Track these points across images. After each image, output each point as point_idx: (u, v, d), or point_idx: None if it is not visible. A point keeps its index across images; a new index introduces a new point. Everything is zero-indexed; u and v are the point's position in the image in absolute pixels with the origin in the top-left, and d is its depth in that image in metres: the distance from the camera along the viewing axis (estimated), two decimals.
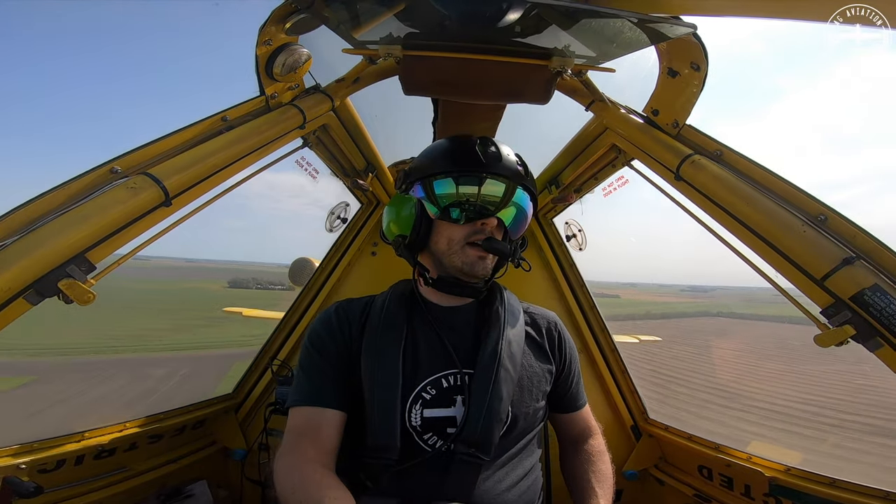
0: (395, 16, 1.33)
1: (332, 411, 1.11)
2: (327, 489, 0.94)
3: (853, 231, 1.18)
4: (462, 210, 1.17)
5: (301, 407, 1.13)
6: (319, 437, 1.08)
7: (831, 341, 1.16)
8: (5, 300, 0.98)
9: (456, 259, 1.17)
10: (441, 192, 1.18)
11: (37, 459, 1.57)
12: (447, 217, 1.17)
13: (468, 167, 1.18)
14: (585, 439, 1.37)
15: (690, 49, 1.33)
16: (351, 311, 1.24)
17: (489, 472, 1.09)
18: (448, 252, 1.18)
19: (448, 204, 1.17)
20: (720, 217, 1.35)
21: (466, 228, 1.16)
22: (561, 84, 1.60)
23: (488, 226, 1.17)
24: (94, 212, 1.08)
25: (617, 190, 1.93)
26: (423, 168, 1.23)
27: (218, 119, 1.40)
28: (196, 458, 2.18)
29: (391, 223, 1.26)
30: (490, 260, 1.19)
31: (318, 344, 1.19)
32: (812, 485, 1.57)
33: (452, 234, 1.17)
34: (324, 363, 1.16)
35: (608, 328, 2.42)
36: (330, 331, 1.19)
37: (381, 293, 1.29)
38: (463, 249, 1.16)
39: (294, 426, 1.11)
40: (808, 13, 1.00)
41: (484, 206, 1.17)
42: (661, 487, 2.15)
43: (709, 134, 1.46)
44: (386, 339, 1.15)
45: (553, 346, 1.31)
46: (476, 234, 1.16)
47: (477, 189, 1.16)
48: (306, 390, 1.14)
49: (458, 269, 1.18)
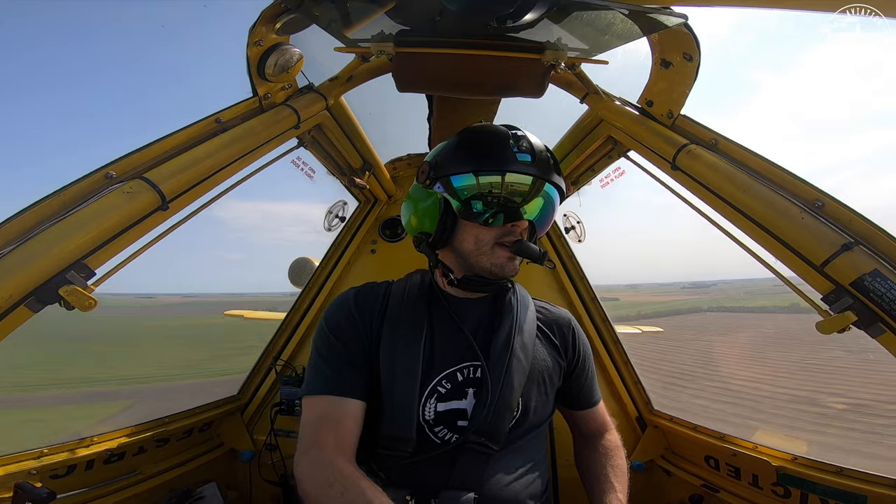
0: (387, 13, 1.32)
1: (353, 401, 1.07)
2: (373, 490, 0.92)
3: (850, 216, 1.17)
4: (486, 204, 1.12)
5: (319, 396, 1.08)
6: (340, 430, 1.04)
7: (833, 328, 1.15)
8: (7, 308, 0.99)
9: (485, 260, 1.14)
10: (462, 185, 1.13)
11: (48, 465, 1.58)
12: (473, 215, 1.13)
13: (497, 161, 1.12)
14: (602, 434, 1.38)
15: (682, 39, 1.32)
16: (371, 296, 1.21)
17: (497, 463, 1.10)
18: (476, 252, 1.15)
19: (470, 197, 1.12)
20: (718, 206, 1.35)
21: (496, 230, 1.14)
22: (555, 77, 1.60)
23: (519, 227, 1.15)
24: (91, 218, 1.08)
25: (614, 181, 1.92)
26: (447, 164, 1.16)
27: (212, 121, 1.40)
28: (204, 461, 2.19)
29: (412, 217, 1.23)
30: (519, 261, 1.18)
31: (336, 329, 1.15)
32: (820, 473, 1.57)
33: (481, 234, 1.14)
34: (343, 349, 1.12)
35: (610, 319, 2.41)
36: (349, 316, 1.16)
37: (399, 281, 1.27)
38: (493, 250, 1.14)
39: (312, 418, 1.06)
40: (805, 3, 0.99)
41: (510, 198, 1.12)
42: (668, 478, 2.15)
43: (703, 123, 1.45)
44: (408, 331, 1.13)
45: (567, 345, 1.32)
46: (507, 236, 1.14)
47: (501, 181, 1.12)
48: (326, 378, 1.09)
49: (486, 270, 1.15)
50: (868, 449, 9.61)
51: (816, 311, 1.21)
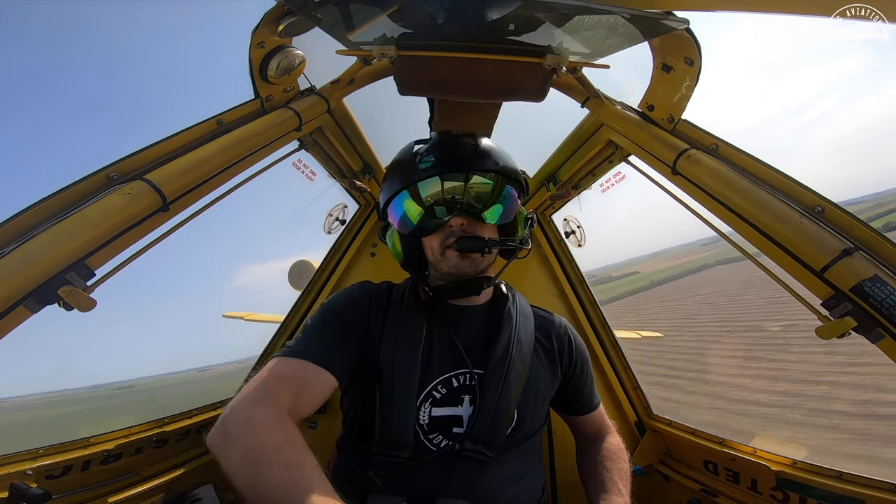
0: (389, 16, 1.33)
1: (328, 375, 1.03)
2: (318, 473, 0.82)
3: (850, 222, 1.17)
4: (422, 217, 1.19)
5: (295, 359, 1.03)
6: (305, 396, 0.98)
7: (832, 333, 1.16)
8: (6, 308, 0.98)
9: (443, 266, 1.19)
10: (401, 211, 1.21)
11: (44, 465, 1.57)
12: (418, 230, 1.21)
13: (407, 179, 1.20)
14: (603, 437, 1.39)
15: (684, 44, 1.33)
16: (375, 293, 1.24)
17: (493, 470, 1.10)
18: (435, 261, 1.20)
19: (404, 216, 1.21)
20: (718, 211, 1.35)
21: (438, 235, 1.18)
22: (556, 81, 1.60)
23: (454, 226, 1.16)
24: (92, 218, 1.08)
25: (614, 186, 1.93)
26: (383, 198, 1.27)
27: (213, 122, 1.40)
28: (201, 463, 2.17)
29: (392, 248, 1.31)
30: (477, 257, 1.18)
31: (337, 308, 1.16)
32: (819, 478, 1.56)
33: (431, 243, 1.20)
34: (338, 325, 1.12)
35: (609, 323, 2.42)
36: (353, 303, 1.19)
37: (400, 284, 1.30)
38: (444, 255, 1.18)
39: (276, 374, 0.99)
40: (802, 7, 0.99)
41: (436, 202, 1.17)
42: (667, 483, 2.15)
43: (704, 128, 1.46)
44: (409, 332, 1.14)
45: (563, 351, 1.32)
46: (448, 238, 1.17)
47: (423, 192, 1.18)
48: (310, 345, 1.06)
49: (449, 274, 1.19)
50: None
51: (816, 317, 1.21)
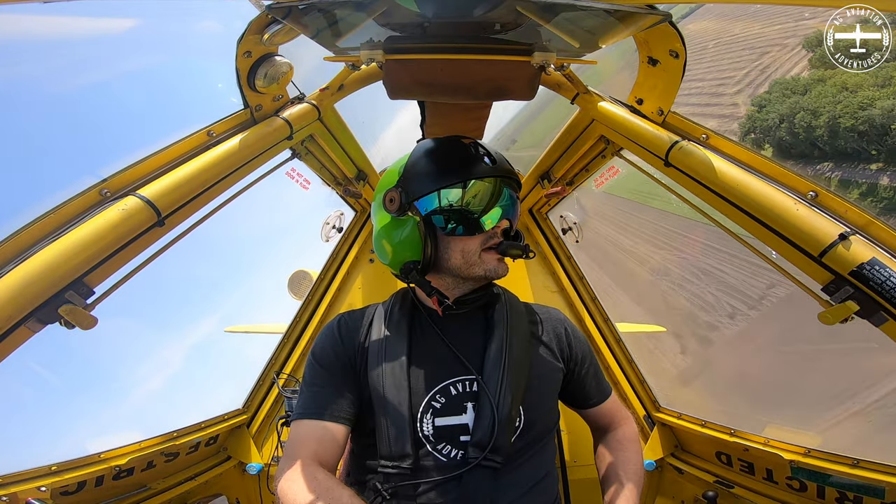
0: (375, 20, 1.33)
1: (334, 425, 1.10)
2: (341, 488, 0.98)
3: (845, 206, 1.16)
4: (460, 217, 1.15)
5: (303, 420, 1.13)
6: (319, 449, 1.08)
7: (835, 318, 1.15)
8: (7, 329, 0.99)
9: (477, 269, 1.16)
10: (446, 201, 1.14)
11: (58, 482, 1.58)
12: (466, 228, 1.15)
13: (469, 170, 1.16)
14: (615, 428, 1.37)
15: (668, 37, 1.33)
16: (353, 321, 1.24)
17: (505, 477, 1.08)
18: (466, 265, 1.16)
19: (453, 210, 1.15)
20: (712, 200, 1.34)
21: (480, 237, 1.16)
22: (545, 79, 1.60)
23: (500, 229, 1.17)
24: (88, 236, 1.09)
25: (609, 180, 1.93)
26: (421, 186, 1.15)
27: (203, 134, 1.40)
28: (213, 475, 2.19)
29: (390, 250, 1.20)
30: (508, 261, 1.20)
31: (321, 358, 1.19)
32: (834, 465, 1.55)
33: (466, 246, 1.15)
34: (328, 377, 1.16)
35: (611, 318, 2.40)
36: (333, 344, 1.20)
37: (383, 302, 1.29)
38: (481, 258, 1.16)
39: (293, 438, 1.12)
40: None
41: (486, 203, 1.16)
42: (680, 476, 2.13)
43: (693, 120, 1.45)
44: (391, 350, 1.14)
45: (562, 344, 1.30)
46: (491, 240, 1.16)
47: (482, 188, 1.16)
48: (308, 404, 1.14)
49: (481, 278, 1.17)
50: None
51: (818, 303, 1.20)
